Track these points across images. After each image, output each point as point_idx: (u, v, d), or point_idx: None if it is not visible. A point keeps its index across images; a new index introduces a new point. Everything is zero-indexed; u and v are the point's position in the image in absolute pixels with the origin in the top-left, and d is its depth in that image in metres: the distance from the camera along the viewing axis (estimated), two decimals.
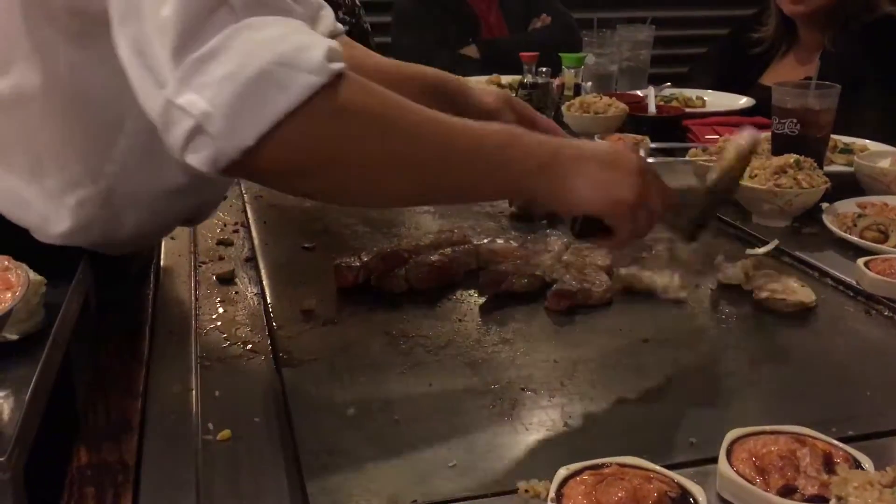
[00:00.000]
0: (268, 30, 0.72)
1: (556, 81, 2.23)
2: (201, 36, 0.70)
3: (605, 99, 2.00)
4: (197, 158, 0.72)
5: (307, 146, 0.74)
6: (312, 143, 0.74)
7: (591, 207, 0.88)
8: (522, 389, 0.86)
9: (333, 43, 0.74)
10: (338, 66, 0.73)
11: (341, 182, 0.79)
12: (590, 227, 0.91)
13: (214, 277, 1.17)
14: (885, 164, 1.51)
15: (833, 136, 1.55)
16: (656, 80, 2.30)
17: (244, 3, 0.71)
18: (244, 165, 0.72)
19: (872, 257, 1.12)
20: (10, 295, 0.80)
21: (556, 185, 0.85)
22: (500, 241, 1.23)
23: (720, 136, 1.75)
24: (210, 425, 0.81)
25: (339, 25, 1.37)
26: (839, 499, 0.62)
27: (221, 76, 0.69)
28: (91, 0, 0.82)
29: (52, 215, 0.96)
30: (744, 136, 1.05)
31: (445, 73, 1.33)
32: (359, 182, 0.80)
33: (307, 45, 0.72)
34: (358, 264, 1.10)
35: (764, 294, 1.05)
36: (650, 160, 1.49)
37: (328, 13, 1.36)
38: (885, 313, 1.03)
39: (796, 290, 1.05)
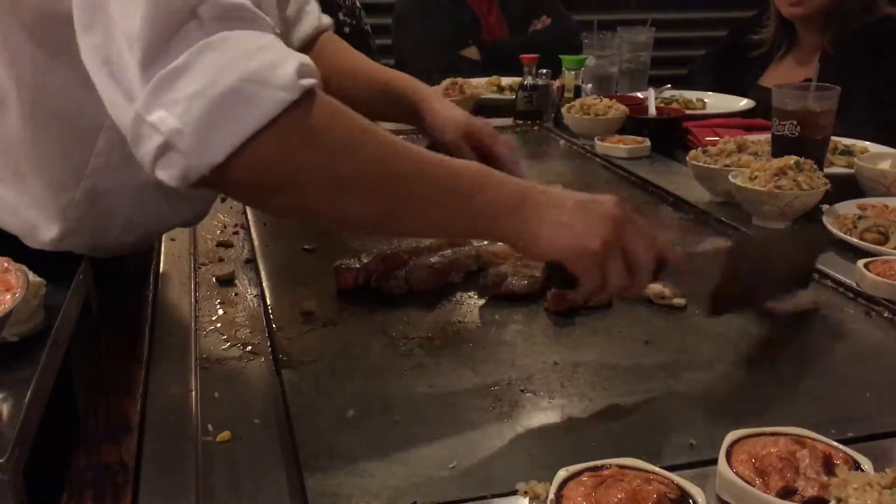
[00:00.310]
0: (238, 46, 0.70)
1: (557, 83, 2.23)
2: (171, 50, 0.69)
3: (606, 101, 1.99)
4: (166, 174, 0.71)
5: (276, 162, 0.72)
6: (281, 159, 0.73)
7: (553, 254, 0.84)
8: (522, 391, 0.86)
9: (305, 58, 0.73)
10: (308, 82, 0.72)
11: (309, 200, 0.78)
12: (557, 275, 0.86)
13: (214, 279, 1.17)
14: (885, 166, 1.51)
15: (833, 137, 1.55)
16: (656, 82, 2.30)
17: (214, 16, 0.70)
18: (213, 181, 0.72)
19: (872, 259, 1.12)
20: (9, 296, 0.81)
21: (521, 230, 0.83)
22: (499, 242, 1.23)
23: (720, 137, 1.74)
24: (210, 426, 0.81)
25: (326, 19, 1.36)
26: (839, 500, 0.62)
27: (191, 93, 0.68)
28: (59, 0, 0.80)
29: (40, 221, 0.96)
30: None
31: (423, 92, 1.30)
32: (326, 201, 0.78)
33: (277, 62, 0.71)
34: (358, 266, 1.11)
35: None
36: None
37: (313, 8, 1.35)
38: (885, 315, 1.03)
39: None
